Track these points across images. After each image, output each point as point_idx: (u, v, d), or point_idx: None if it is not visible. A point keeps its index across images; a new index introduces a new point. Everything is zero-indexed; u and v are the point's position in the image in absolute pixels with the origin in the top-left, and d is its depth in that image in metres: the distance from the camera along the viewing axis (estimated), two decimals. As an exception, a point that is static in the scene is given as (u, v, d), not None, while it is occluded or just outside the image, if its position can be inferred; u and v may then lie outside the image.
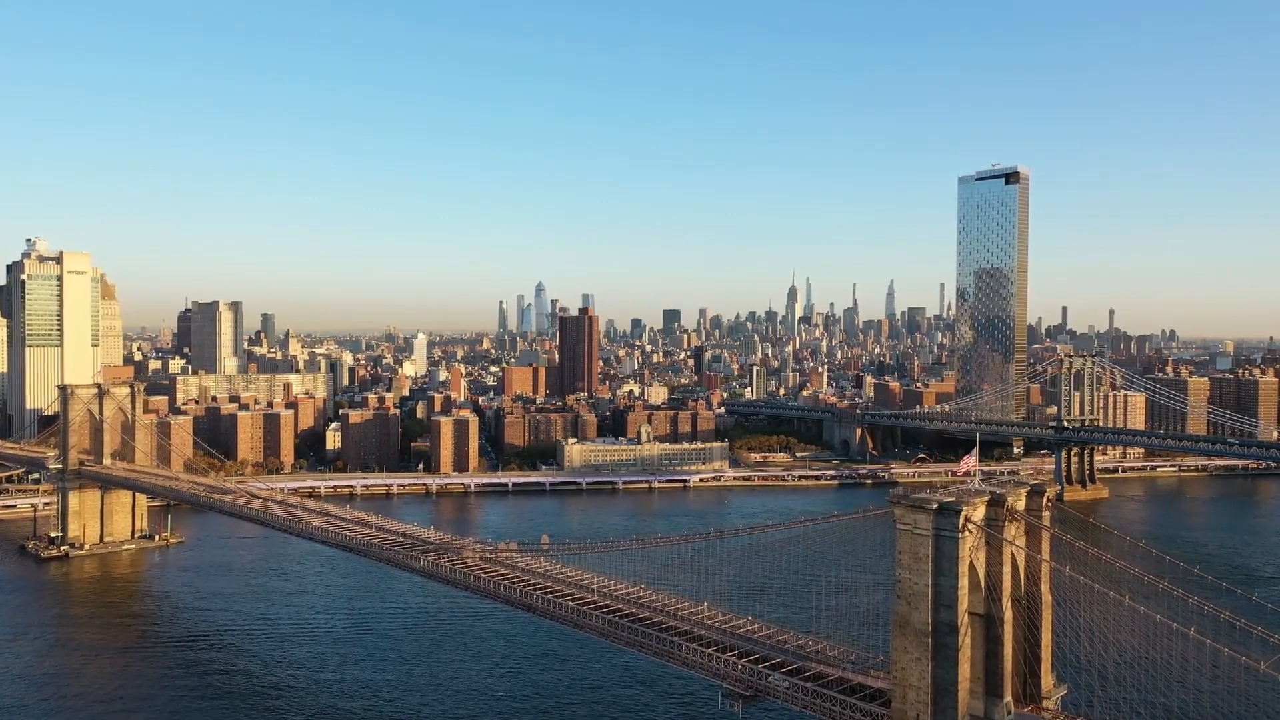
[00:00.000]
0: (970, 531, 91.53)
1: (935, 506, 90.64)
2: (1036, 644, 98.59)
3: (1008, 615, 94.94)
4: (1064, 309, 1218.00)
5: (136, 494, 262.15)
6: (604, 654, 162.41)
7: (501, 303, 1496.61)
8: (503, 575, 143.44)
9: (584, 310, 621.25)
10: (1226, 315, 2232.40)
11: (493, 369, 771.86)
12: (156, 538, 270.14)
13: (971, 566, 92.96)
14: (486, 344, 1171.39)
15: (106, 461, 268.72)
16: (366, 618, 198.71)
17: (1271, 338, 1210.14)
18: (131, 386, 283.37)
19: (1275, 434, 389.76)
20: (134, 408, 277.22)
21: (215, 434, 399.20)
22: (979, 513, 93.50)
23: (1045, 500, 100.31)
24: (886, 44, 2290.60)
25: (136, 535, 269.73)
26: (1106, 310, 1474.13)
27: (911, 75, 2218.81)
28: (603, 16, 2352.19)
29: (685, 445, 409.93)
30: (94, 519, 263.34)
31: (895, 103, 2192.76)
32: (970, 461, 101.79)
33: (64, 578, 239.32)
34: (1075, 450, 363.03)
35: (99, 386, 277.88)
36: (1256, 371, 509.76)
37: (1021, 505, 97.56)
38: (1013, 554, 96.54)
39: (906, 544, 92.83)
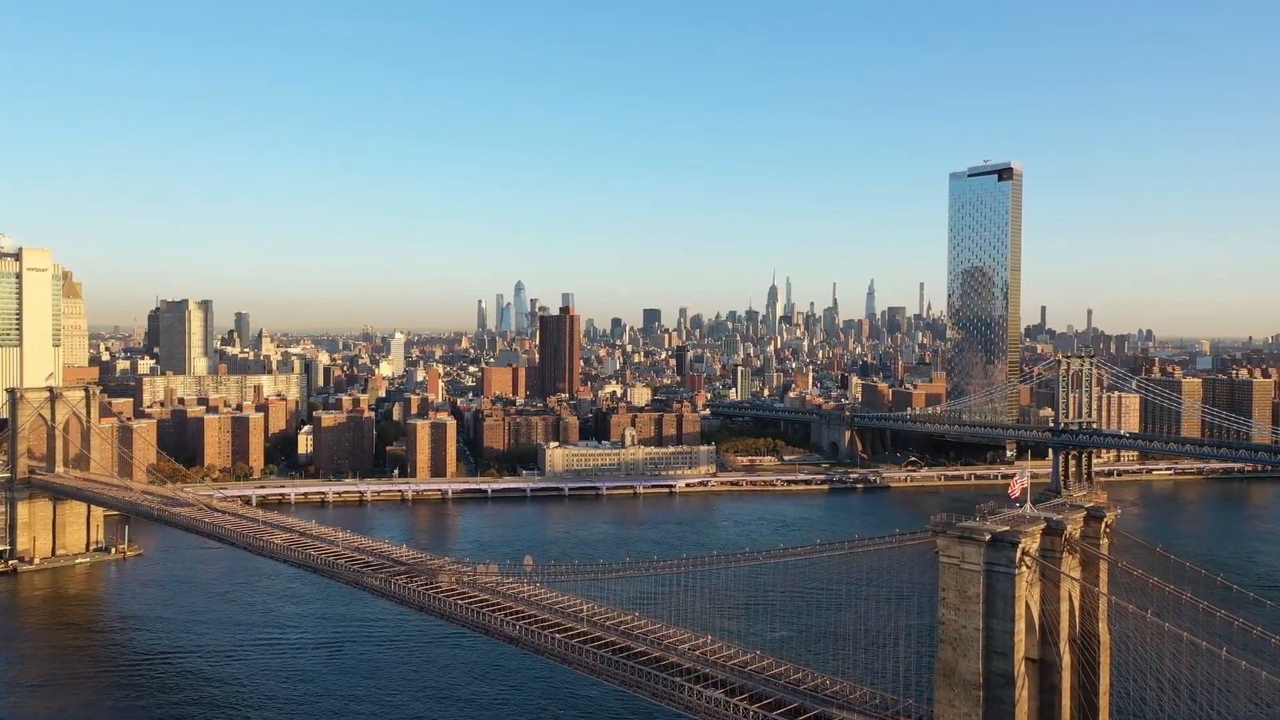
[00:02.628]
0: (1027, 566, 78.72)
1: (988, 538, 77.73)
2: (1094, 691, 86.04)
3: (1065, 660, 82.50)
4: (1043, 309, 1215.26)
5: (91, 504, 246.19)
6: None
7: (480, 301, 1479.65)
8: (482, 602, 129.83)
9: (565, 309, 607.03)
10: (1201, 315, 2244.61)
11: (471, 369, 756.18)
12: (113, 550, 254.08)
13: (1027, 606, 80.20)
14: (465, 344, 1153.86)
15: (59, 470, 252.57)
16: (340, 636, 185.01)
17: (1250, 337, 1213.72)
18: (87, 390, 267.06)
19: (1270, 436, 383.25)
20: (88, 412, 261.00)
21: (182, 438, 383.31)
22: (1035, 544, 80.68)
23: (1104, 526, 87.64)
24: (871, 43, 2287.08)
25: (91, 548, 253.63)
26: (1083, 310, 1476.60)
27: (893, 75, 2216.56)
28: (583, 15, 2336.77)
29: (671, 449, 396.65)
30: (45, 531, 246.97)
31: (874, 102, 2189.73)
32: (1022, 483, 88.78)
33: (11, 595, 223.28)
34: (1073, 454, 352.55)
35: (50, 390, 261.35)
36: (1250, 372, 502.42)
37: (1079, 533, 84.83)
38: (1069, 589, 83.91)
39: (952, 580, 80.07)
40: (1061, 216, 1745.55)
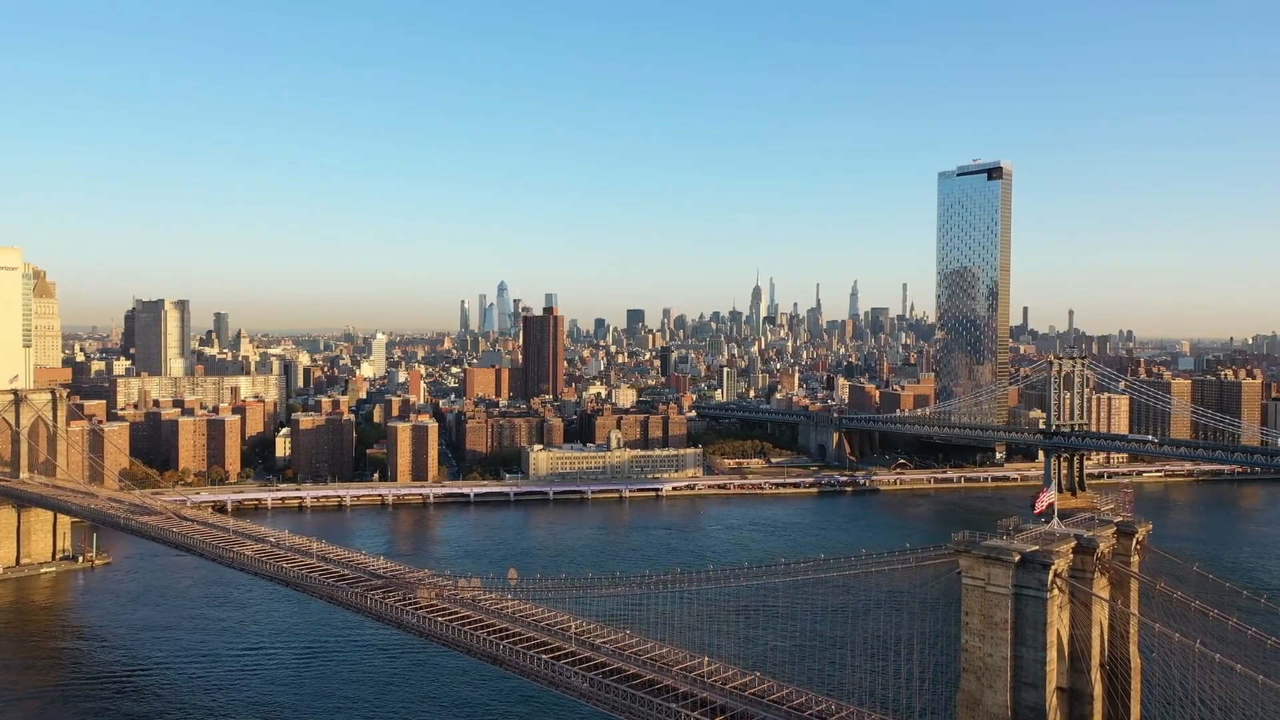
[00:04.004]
0: (1059, 588, 72.15)
1: (1017, 559, 71.05)
2: (1125, 720, 79.68)
3: (1097, 690, 76.01)
4: (1025, 309, 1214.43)
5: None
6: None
7: (463, 302, 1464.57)
8: (463, 618, 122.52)
9: (549, 309, 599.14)
10: (1180, 316, 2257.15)
11: (454, 370, 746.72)
12: (80, 558, 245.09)
13: (1058, 632, 73.65)
14: (448, 344, 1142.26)
15: (24, 475, 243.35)
16: (318, 650, 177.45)
17: (1231, 338, 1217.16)
18: (53, 393, 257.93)
19: (1259, 437, 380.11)
20: (55, 415, 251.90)
21: (156, 441, 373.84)
22: (1065, 564, 74.10)
23: (1135, 542, 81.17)
24: (856, 43, 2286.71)
25: (58, 556, 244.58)
26: (1062, 310, 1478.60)
27: (877, 75, 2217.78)
28: (565, 15, 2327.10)
29: (657, 452, 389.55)
30: (9, 539, 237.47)
31: (857, 102, 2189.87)
32: (1049, 497, 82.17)
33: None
34: (1064, 456, 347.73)
35: (15, 393, 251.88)
36: (1236, 373, 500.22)
37: (1111, 550, 78.34)
38: (1100, 612, 77.41)
39: (976, 604, 73.46)
40: (1040, 216, 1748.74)
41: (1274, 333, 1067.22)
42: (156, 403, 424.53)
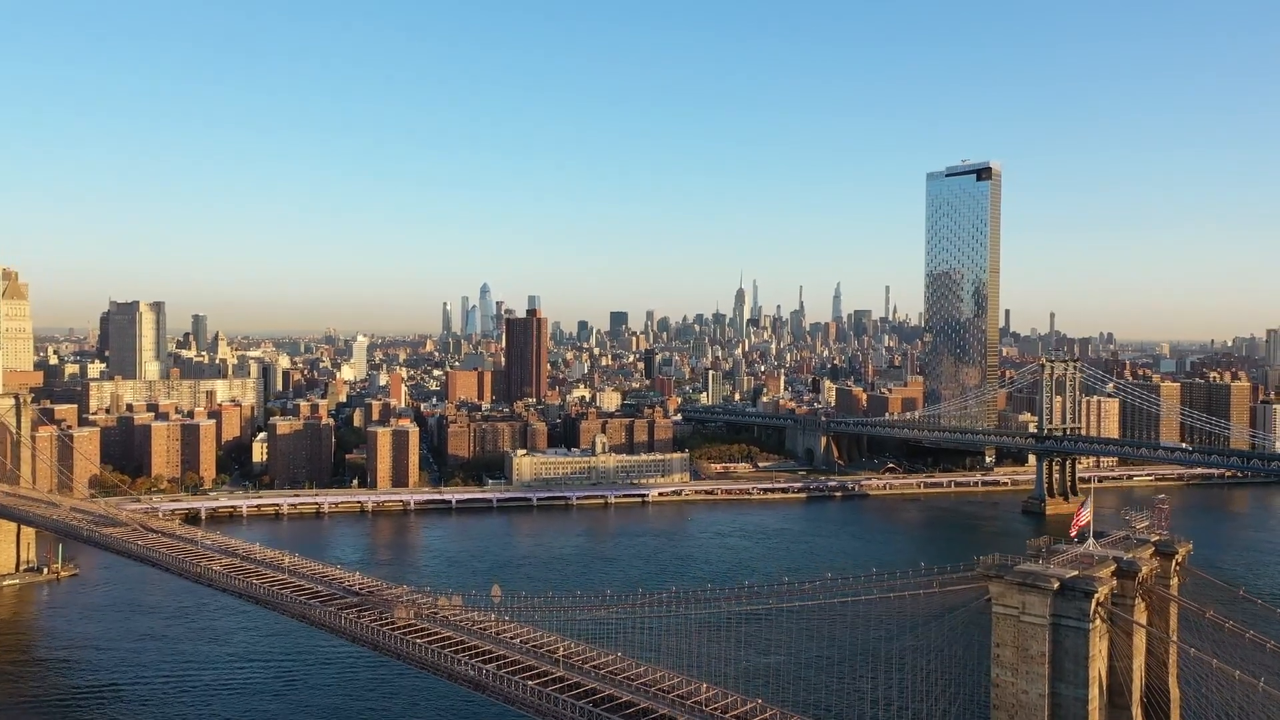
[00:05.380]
0: (1100, 618, 65.44)
1: (1056, 586, 64.24)
2: (1165, 758, 73.07)
3: (1138, 727, 69.21)
4: (1006, 311, 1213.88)
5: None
6: None
7: (446, 304, 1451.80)
8: (443, 639, 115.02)
9: (532, 312, 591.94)
10: (1159, 319, 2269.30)
11: (436, 373, 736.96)
12: (45, 570, 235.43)
13: (1099, 666, 66.95)
14: (430, 346, 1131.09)
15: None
16: (296, 666, 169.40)
17: (1212, 340, 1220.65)
18: (17, 399, 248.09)
19: (1249, 440, 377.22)
20: (19, 421, 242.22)
21: (128, 447, 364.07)
22: (1108, 591, 67.39)
23: (1175, 564, 74.63)
24: (840, 43, 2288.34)
25: (22, 568, 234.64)
26: (1043, 312, 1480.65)
27: (859, 75, 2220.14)
28: (542, 15, 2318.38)
29: (643, 456, 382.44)
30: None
31: (838, 102, 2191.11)
32: (1085, 515, 75.52)
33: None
34: (1057, 460, 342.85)
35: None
36: (1221, 375, 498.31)
37: (1152, 574, 71.75)
38: (1139, 640, 70.80)
39: (1008, 634, 66.71)
40: (1018, 217, 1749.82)
41: (1252, 335, 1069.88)
42: (130, 407, 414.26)
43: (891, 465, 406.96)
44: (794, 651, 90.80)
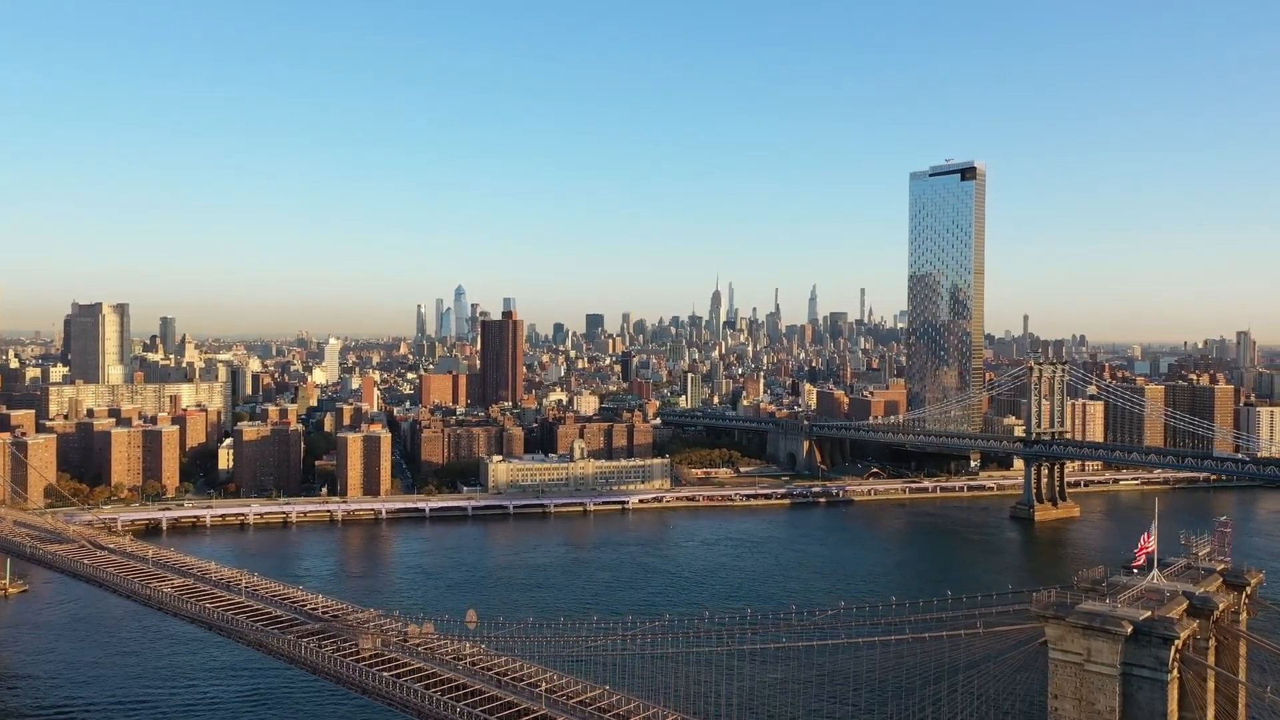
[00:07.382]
0: (1177, 665, 56.26)
1: (1129, 630, 54.94)
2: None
3: (1212, 786, 60.13)
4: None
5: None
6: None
7: (420, 306, 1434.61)
8: (413, 672, 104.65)
9: (508, 314, 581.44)
10: (1131, 320, 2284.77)
11: (410, 376, 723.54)
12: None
13: (1174, 720, 57.84)
14: (404, 349, 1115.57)
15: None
16: (263, 686, 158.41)
17: (1185, 342, 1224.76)
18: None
19: (1234, 443, 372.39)
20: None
21: (88, 454, 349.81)
22: (1188, 633, 58.19)
23: (1245, 595, 65.66)
24: (818, 46, 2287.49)
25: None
26: (1015, 314, 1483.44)
27: (835, 79, 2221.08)
28: (519, 19, 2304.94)
29: (623, 462, 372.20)
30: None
31: (817, 106, 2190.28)
32: (1150, 544, 66.30)
33: None
34: (1045, 465, 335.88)
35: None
36: (1200, 378, 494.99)
37: (1228, 610, 62.70)
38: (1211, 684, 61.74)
39: (1068, 684, 57.60)
40: (993, 218, 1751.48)
41: (1222, 337, 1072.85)
42: (90, 412, 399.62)
43: (876, 470, 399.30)
44: (812, 696, 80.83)
